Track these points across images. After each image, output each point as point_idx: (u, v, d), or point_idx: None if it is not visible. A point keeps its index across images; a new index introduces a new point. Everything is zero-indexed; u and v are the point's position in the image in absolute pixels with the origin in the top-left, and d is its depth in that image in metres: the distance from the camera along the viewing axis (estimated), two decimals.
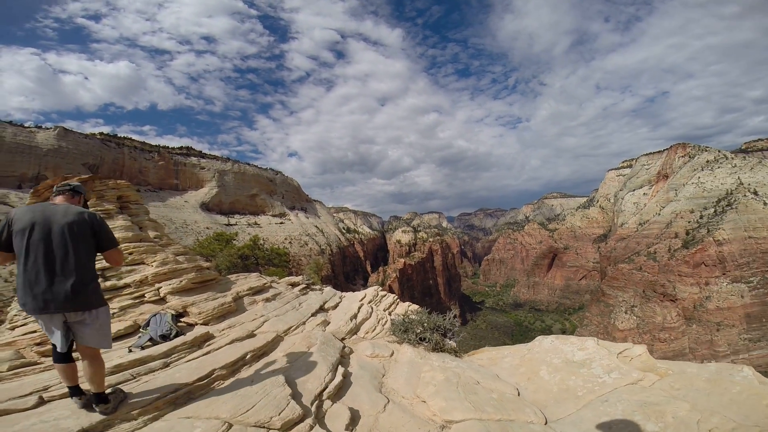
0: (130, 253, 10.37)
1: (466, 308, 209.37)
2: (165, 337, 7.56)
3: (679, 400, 4.93)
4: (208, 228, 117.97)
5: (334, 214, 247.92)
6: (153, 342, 7.39)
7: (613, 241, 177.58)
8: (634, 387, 5.69)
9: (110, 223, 11.02)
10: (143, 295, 9.37)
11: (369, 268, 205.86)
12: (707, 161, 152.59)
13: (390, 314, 12.64)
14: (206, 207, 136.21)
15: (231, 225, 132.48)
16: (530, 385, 6.54)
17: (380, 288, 16.67)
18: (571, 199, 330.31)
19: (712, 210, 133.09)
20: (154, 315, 8.21)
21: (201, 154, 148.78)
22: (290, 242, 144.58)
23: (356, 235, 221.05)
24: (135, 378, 5.57)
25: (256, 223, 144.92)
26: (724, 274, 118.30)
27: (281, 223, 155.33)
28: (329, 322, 10.53)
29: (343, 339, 9.15)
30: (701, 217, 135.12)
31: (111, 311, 8.52)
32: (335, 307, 12.42)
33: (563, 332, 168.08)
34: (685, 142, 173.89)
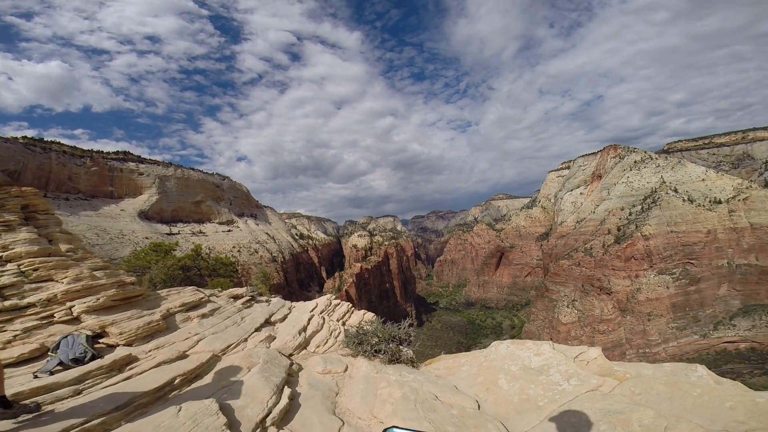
0: (36, 269, 8.96)
1: (421, 309, 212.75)
2: (78, 361, 6.74)
3: (643, 406, 4.86)
4: (147, 238, 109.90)
5: (287, 220, 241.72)
6: (64, 366, 6.57)
7: (553, 238, 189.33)
8: (595, 394, 5.58)
9: (11, 236, 9.51)
10: (52, 315, 8.22)
11: (324, 274, 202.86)
12: (635, 161, 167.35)
13: (344, 324, 12.08)
14: (145, 215, 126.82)
15: (173, 234, 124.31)
16: (490, 396, 6.33)
17: (333, 296, 16.00)
18: (515, 199, 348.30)
19: (640, 207, 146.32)
20: (66, 336, 7.22)
21: (140, 159, 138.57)
22: (239, 250, 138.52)
23: (310, 241, 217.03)
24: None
25: (201, 232, 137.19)
26: (651, 266, 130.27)
27: (229, 230, 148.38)
28: (275, 337, 9.75)
29: (290, 355, 8.46)
30: (630, 214, 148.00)
31: (13, 333, 7.39)
32: (283, 319, 11.60)
33: (512, 328, 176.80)
34: (617, 143, 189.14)
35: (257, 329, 10.02)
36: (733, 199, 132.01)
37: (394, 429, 1.01)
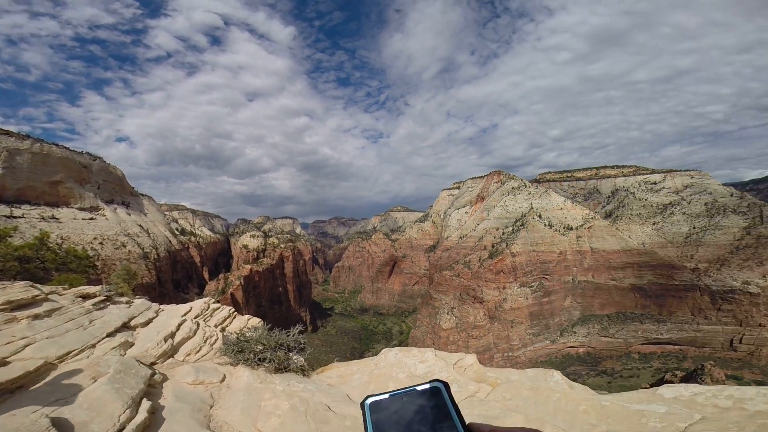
0: None
1: (317, 315, 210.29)
2: None
3: (514, 412, 5.62)
4: None
5: (167, 213, 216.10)
6: None
7: (439, 251, 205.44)
8: (474, 400, 6.26)
9: None
10: None
11: (207, 275, 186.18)
12: (512, 188, 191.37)
13: (223, 330, 11.31)
14: None
15: (14, 217, 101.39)
16: None
17: (212, 300, 14.81)
18: (411, 213, 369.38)
19: (511, 228, 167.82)
20: None
21: None
22: (101, 243, 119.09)
23: (193, 238, 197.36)
24: None
25: (54, 217, 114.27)
26: (515, 279, 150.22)
27: (91, 218, 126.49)
28: (134, 344, 8.72)
29: (153, 364, 7.67)
30: (503, 233, 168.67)
31: None
32: (147, 323, 10.40)
33: (401, 333, 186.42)
34: (501, 170, 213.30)
35: (110, 334, 8.79)
36: (581, 226, 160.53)
37: (370, 398, 0.95)
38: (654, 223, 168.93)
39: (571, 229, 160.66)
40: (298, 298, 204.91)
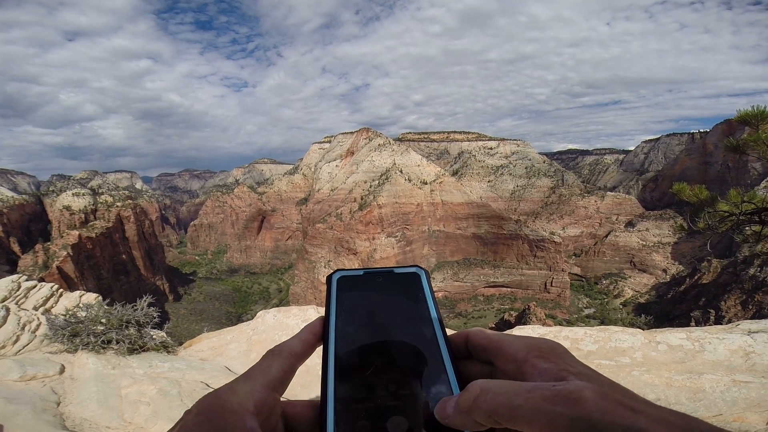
0: None
1: (176, 282, 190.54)
2: None
3: None
4: None
5: None
6: None
7: (311, 203, 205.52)
8: None
9: None
10: None
11: (18, 248, 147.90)
12: (379, 144, 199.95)
13: (50, 312, 9.29)
14: None
15: None
16: None
17: (24, 277, 11.91)
18: (279, 165, 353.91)
19: (377, 182, 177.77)
20: None
21: None
22: None
23: None
24: None
25: None
26: (383, 230, 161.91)
27: None
28: None
29: None
30: (371, 186, 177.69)
31: None
32: None
33: (280, 291, 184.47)
34: (369, 127, 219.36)
35: None
36: (434, 181, 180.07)
37: (339, 272, 0.82)
38: (489, 181, 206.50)
39: (426, 183, 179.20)
40: (149, 265, 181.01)
